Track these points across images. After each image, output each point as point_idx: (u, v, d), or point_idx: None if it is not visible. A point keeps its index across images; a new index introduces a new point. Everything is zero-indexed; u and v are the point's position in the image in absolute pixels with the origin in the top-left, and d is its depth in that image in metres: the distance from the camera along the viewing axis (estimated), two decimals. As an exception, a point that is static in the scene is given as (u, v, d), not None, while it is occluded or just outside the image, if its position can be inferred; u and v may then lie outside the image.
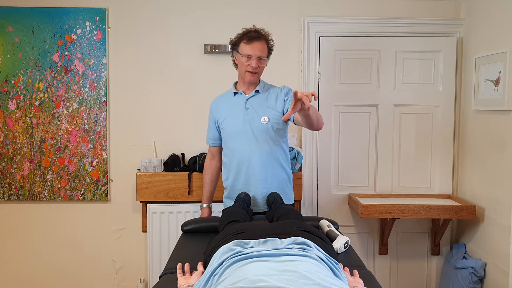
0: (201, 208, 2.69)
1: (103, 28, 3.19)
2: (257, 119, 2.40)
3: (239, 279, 1.12)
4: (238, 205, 2.31)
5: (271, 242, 1.44)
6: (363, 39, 3.25)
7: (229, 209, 2.28)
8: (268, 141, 2.41)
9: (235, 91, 2.47)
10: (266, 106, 2.42)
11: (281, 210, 2.19)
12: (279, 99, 2.43)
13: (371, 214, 2.96)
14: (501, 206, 2.77)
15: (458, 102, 3.28)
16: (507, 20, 2.73)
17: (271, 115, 2.40)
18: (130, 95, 3.26)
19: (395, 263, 3.37)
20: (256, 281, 1.08)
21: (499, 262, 2.78)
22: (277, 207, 2.26)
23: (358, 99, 3.28)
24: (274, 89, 2.49)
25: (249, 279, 1.10)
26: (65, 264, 3.32)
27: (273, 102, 2.43)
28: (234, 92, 2.48)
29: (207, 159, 2.68)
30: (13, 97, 3.20)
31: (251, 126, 2.40)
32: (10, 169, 3.23)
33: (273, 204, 2.33)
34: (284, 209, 2.19)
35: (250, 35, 2.35)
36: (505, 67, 2.69)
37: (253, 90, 2.45)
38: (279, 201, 2.33)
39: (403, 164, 3.31)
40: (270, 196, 2.39)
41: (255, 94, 2.45)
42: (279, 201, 2.33)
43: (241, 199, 2.35)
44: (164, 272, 1.91)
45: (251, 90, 2.46)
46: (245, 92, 2.46)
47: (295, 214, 2.14)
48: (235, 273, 1.20)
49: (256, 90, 2.45)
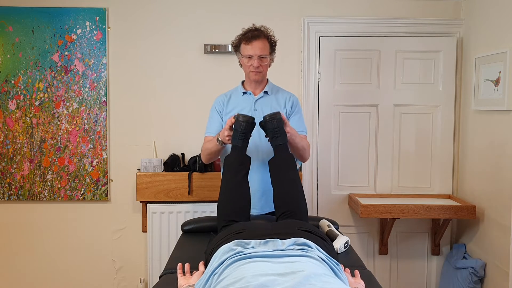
0: (217, 138, 2.31)
1: (103, 28, 3.19)
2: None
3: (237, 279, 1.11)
4: (239, 153, 2.13)
5: (272, 243, 1.44)
6: (363, 39, 3.25)
7: (230, 161, 2.14)
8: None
9: (244, 91, 2.46)
10: (274, 109, 2.42)
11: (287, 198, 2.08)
12: (287, 107, 2.44)
13: (371, 214, 2.96)
14: (501, 206, 2.77)
15: (458, 102, 3.28)
16: (507, 20, 2.73)
17: None
18: (130, 95, 3.26)
19: (395, 263, 3.37)
20: (251, 280, 1.07)
21: (499, 262, 2.78)
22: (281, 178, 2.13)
23: (358, 99, 3.28)
24: (283, 93, 2.48)
25: (247, 279, 1.10)
26: (65, 264, 3.32)
27: (281, 107, 2.43)
28: (243, 92, 2.47)
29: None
30: (13, 97, 3.20)
31: (257, 127, 2.40)
32: (10, 169, 3.23)
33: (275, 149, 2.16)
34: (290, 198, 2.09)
35: (249, 35, 2.33)
36: (505, 67, 2.69)
37: (261, 91, 2.44)
38: (282, 162, 2.16)
39: (403, 164, 3.31)
40: (269, 122, 2.16)
41: (264, 95, 2.44)
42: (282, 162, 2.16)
43: (243, 128, 2.10)
44: (164, 272, 1.91)
45: (259, 91, 2.44)
46: (254, 93, 2.44)
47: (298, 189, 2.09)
48: (234, 273, 1.20)
49: (264, 91, 2.44)
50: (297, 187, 2.12)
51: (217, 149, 2.33)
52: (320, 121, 3.29)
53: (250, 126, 2.13)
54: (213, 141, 2.32)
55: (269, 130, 2.14)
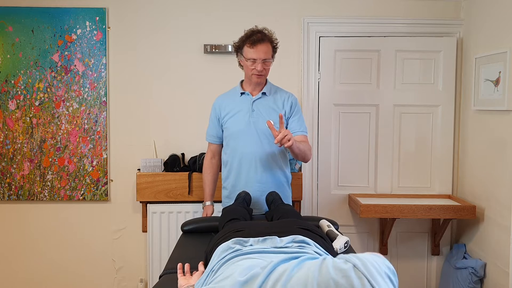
0: (203, 207, 2.66)
1: (103, 28, 3.19)
2: (262, 122, 2.39)
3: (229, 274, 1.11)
4: (239, 204, 2.30)
5: (271, 240, 1.44)
6: (363, 39, 3.25)
7: (230, 207, 2.27)
8: (270, 144, 2.40)
9: (242, 91, 2.46)
10: (272, 109, 2.42)
11: (281, 211, 2.18)
12: (285, 108, 2.44)
13: (371, 214, 2.96)
14: (501, 206, 2.77)
15: (458, 102, 3.28)
16: (507, 20, 2.73)
17: (276, 120, 2.40)
18: (130, 95, 3.26)
19: (395, 263, 3.37)
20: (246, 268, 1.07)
21: (499, 262, 2.78)
22: (277, 207, 2.26)
23: (358, 99, 3.28)
24: (281, 93, 2.48)
25: (238, 272, 1.09)
26: (65, 264, 3.32)
27: (279, 109, 2.43)
28: (241, 92, 2.47)
29: (207, 158, 2.66)
30: (13, 97, 3.20)
31: (255, 128, 2.40)
32: (10, 169, 3.23)
33: (272, 204, 2.32)
34: (284, 209, 2.19)
35: (253, 38, 2.31)
36: (505, 67, 2.69)
37: (259, 92, 2.44)
38: (278, 201, 2.33)
39: (403, 164, 3.31)
40: (269, 195, 2.38)
41: (262, 96, 2.44)
42: (278, 201, 2.33)
43: (242, 198, 2.34)
44: (164, 272, 1.91)
45: (257, 91, 2.45)
46: (252, 93, 2.45)
47: (294, 214, 2.14)
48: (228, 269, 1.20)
49: (263, 92, 2.44)
50: (293, 210, 2.24)
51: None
52: (320, 121, 3.29)
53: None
54: (204, 190, 2.66)
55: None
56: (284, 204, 2.32)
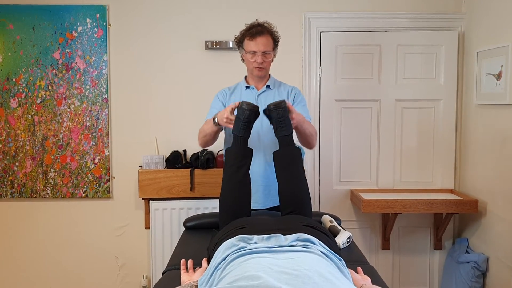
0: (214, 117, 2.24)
1: (104, 25, 3.19)
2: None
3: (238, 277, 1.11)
4: (240, 146, 2.10)
5: (275, 239, 1.44)
6: (364, 34, 3.24)
7: (232, 154, 2.13)
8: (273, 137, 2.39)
9: (247, 85, 2.47)
10: None
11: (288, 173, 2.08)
12: (289, 99, 2.44)
13: (373, 209, 2.96)
14: (503, 200, 2.77)
15: (460, 97, 3.27)
16: (508, 14, 2.72)
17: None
18: (131, 92, 3.25)
19: (397, 258, 3.37)
20: (252, 277, 1.07)
21: (502, 256, 2.78)
22: (285, 167, 2.12)
23: (359, 94, 3.27)
24: (285, 87, 2.49)
25: (246, 276, 1.09)
26: (68, 261, 3.33)
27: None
28: (246, 86, 2.47)
29: None
30: (15, 95, 3.20)
31: (260, 120, 2.40)
32: (12, 167, 3.24)
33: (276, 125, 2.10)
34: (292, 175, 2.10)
35: (253, 31, 2.32)
36: (507, 61, 2.68)
37: (264, 85, 2.45)
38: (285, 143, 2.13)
39: (405, 159, 3.30)
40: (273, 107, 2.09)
41: (266, 89, 2.45)
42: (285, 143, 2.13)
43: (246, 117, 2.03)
44: (167, 268, 1.92)
45: (262, 85, 2.45)
46: (256, 87, 2.46)
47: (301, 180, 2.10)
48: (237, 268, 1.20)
49: (267, 86, 2.45)
50: (303, 185, 2.12)
51: (213, 131, 2.25)
52: (321, 116, 3.29)
53: (254, 115, 2.05)
54: (210, 122, 2.25)
55: (274, 120, 2.07)
56: (295, 177, 2.13)
